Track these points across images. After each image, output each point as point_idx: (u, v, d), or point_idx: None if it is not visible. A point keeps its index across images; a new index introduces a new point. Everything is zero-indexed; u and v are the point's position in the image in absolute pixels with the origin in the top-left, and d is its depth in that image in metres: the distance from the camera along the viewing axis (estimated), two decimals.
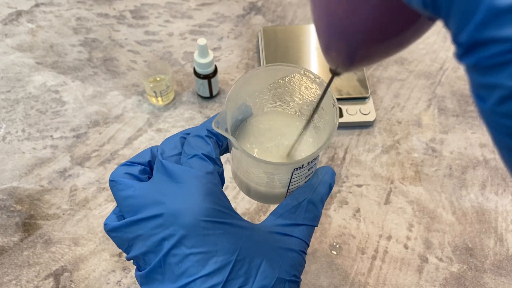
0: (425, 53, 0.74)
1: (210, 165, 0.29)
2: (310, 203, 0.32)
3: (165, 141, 0.32)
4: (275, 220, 0.31)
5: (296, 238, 0.31)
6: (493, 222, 0.57)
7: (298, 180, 0.32)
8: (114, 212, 0.30)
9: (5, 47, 0.72)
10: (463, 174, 0.61)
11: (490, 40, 0.15)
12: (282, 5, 0.80)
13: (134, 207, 0.28)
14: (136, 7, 0.79)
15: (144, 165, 0.31)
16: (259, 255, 0.28)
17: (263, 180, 0.32)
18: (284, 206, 0.32)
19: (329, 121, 0.31)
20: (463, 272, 0.53)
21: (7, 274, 0.51)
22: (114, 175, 0.30)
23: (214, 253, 0.26)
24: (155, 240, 0.27)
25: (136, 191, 0.28)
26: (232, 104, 0.31)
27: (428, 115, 0.67)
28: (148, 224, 0.27)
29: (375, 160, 0.62)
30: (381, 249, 0.54)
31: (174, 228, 0.26)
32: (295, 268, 0.30)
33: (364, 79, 0.66)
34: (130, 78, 0.69)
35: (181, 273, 0.26)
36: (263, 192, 0.34)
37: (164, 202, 0.27)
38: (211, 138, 0.31)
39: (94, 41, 0.74)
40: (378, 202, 0.58)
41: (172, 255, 0.26)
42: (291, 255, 0.30)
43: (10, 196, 0.57)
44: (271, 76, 0.33)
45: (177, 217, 0.26)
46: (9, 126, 0.63)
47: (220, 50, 0.73)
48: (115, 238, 0.29)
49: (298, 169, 0.30)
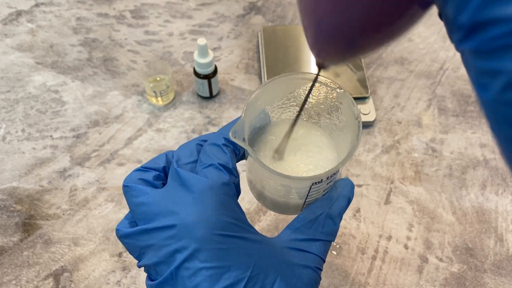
0: (425, 53, 0.74)
1: (226, 176, 0.28)
2: (328, 218, 0.31)
3: (181, 147, 0.31)
4: (291, 234, 0.30)
5: (312, 254, 0.30)
6: (493, 222, 0.57)
7: (316, 193, 0.31)
8: (127, 217, 0.30)
9: (5, 47, 0.72)
10: (463, 174, 0.61)
11: (493, 20, 0.13)
12: (282, 5, 0.80)
13: (147, 215, 0.27)
14: (136, 7, 0.79)
15: (159, 170, 0.31)
16: (274, 272, 0.27)
17: (280, 192, 0.32)
18: (300, 220, 0.31)
19: (350, 134, 0.30)
20: (463, 272, 0.53)
21: (7, 274, 0.51)
22: (128, 181, 0.29)
23: (228, 268, 0.26)
24: (167, 251, 0.26)
25: (150, 198, 0.28)
26: (250, 113, 0.30)
27: (428, 115, 0.67)
28: (161, 234, 0.26)
29: (375, 160, 0.62)
30: (381, 249, 0.54)
31: (187, 241, 0.26)
32: (310, 286, 0.29)
33: (364, 79, 0.66)
34: (130, 78, 0.69)
35: (193, 287, 0.26)
36: (279, 203, 0.33)
37: (178, 213, 0.26)
38: (228, 147, 0.30)
39: (94, 41, 0.73)
40: (378, 202, 0.58)
41: (184, 268, 0.26)
42: (306, 272, 0.29)
43: (10, 196, 0.56)
44: (292, 85, 0.32)
45: (191, 229, 0.26)
46: (9, 126, 0.63)
47: (220, 50, 0.73)
48: (126, 244, 0.28)
49: (317, 183, 0.29)
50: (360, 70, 0.67)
